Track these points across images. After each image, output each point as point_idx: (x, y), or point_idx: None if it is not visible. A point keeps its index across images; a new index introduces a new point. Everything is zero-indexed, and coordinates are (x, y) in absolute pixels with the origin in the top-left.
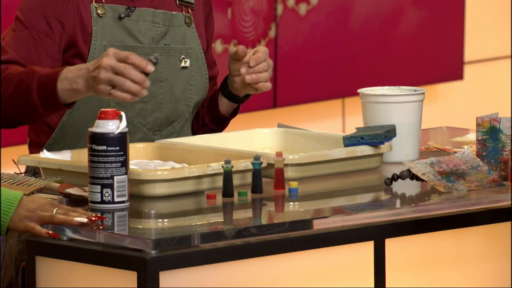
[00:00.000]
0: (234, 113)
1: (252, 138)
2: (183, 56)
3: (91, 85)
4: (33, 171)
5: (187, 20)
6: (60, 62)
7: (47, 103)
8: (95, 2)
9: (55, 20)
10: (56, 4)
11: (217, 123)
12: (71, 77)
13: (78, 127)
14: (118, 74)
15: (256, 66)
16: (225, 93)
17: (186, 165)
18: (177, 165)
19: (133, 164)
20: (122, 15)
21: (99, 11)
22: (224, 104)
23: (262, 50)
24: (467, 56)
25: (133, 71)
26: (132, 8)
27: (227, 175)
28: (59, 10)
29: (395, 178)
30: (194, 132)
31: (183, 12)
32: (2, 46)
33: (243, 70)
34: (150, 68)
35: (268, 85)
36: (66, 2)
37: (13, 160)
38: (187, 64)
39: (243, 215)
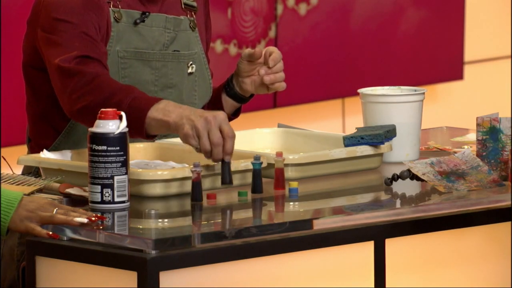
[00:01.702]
0: (236, 114)
1: (252, 138)
2: (191, 62)
3: (182, 123)
4: (36, 172)
5: (191, 24)
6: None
7: (131, 124)
8: (112, 7)
9: (97, 26)
10: (91, 11)
11: None
12: (167, 108)
13: (84, 131)
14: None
15: (274, 68)
16: (230, 93)
17: (186, 165)
18: (177, 165)
19: (133, 164)
20: (138, 21)
21: (116, 16)
22: (228, 105)
23: (276, 50)
24: (467, 56)
25: (219, 139)
26: (147, 13)
27: (225, 165)
28: (96, 17)
29: (395, 178)
30: None
31: (188, 16)
32: (63, 44)
33: (262, 71)
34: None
35: (284, 85)
36: (101, 9)
37: (3, 157)
38: (194, 69)
39: (243, 215)
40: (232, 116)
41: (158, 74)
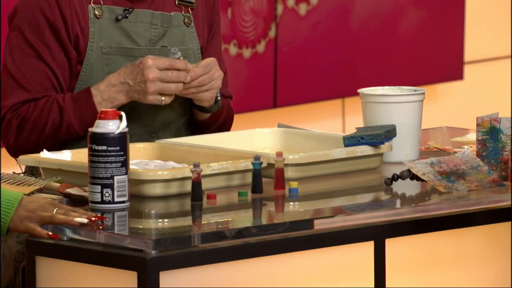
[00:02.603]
0: (213, 121)
1: (252, 138)
2: (181, 58)
3: (137, 97)
4: (31, 172)
5: (186, 20)
6: (71, 78)
7: (84, 117)
8: (93, 3)
9: (59, 22)
10: (55, 8)
11: (196, 129)
12: (108, 96)
13: None
14: (166, 82)
15: (193, 82)
16: (194, 105)
17: (186, 165)
18: (177, 165)
19: (133, 164)
20: (120, 17)
21: (96, 12)
22: (199, 115)
23: (202, 63)
24: (467, 56)
25: (181, 75)
26: (130, 9)
27: None
28: (59, 12)
29: (395, 178)
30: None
31: (182, 12)
32: (20, 83)
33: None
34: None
35: (205, 96)
36: (62, 5)
37: (16, 160)
38: None
39: (243, 215)
40: (211, 123)
41: None
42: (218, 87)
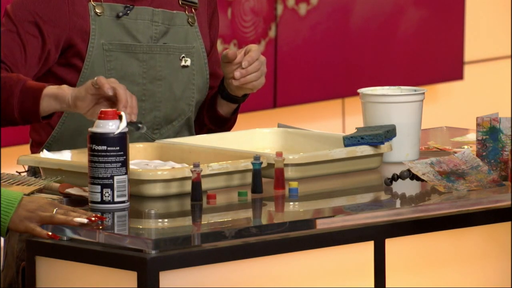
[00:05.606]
0: (234, 113)
1: (252, 138)
2: (183, 55)
3: (81, 90)
4: (33, 171)
5: (189, 19)
6: (39, 67)
7: (25, 105)
8: (93, 1)
9: (47, 22)
10: (49, 6)
11: (216, 123)
12: (60, 88)
13: (78, 125)
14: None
15: (249, 67)
16: (223, 95)
17: (186, 165)
18: (177, 165)
19: (133, 164)
20: (120, 14)
21: (97, 10)
22: (224, 106)
23: (254, 48)
24: (467, 56)
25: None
26: (131, 6)
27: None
28: (51, 11)
29: (395, 178)
30: (196, 132)
31: (186, 12)
32: None
33: (237, 74)
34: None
35: (260, 82)
36: (59, 2)
37: (20, 163)
38: (188, 63)
39: (243, 215)
40: (231, 115)
41: (146, 66)
42: (264, 71)
